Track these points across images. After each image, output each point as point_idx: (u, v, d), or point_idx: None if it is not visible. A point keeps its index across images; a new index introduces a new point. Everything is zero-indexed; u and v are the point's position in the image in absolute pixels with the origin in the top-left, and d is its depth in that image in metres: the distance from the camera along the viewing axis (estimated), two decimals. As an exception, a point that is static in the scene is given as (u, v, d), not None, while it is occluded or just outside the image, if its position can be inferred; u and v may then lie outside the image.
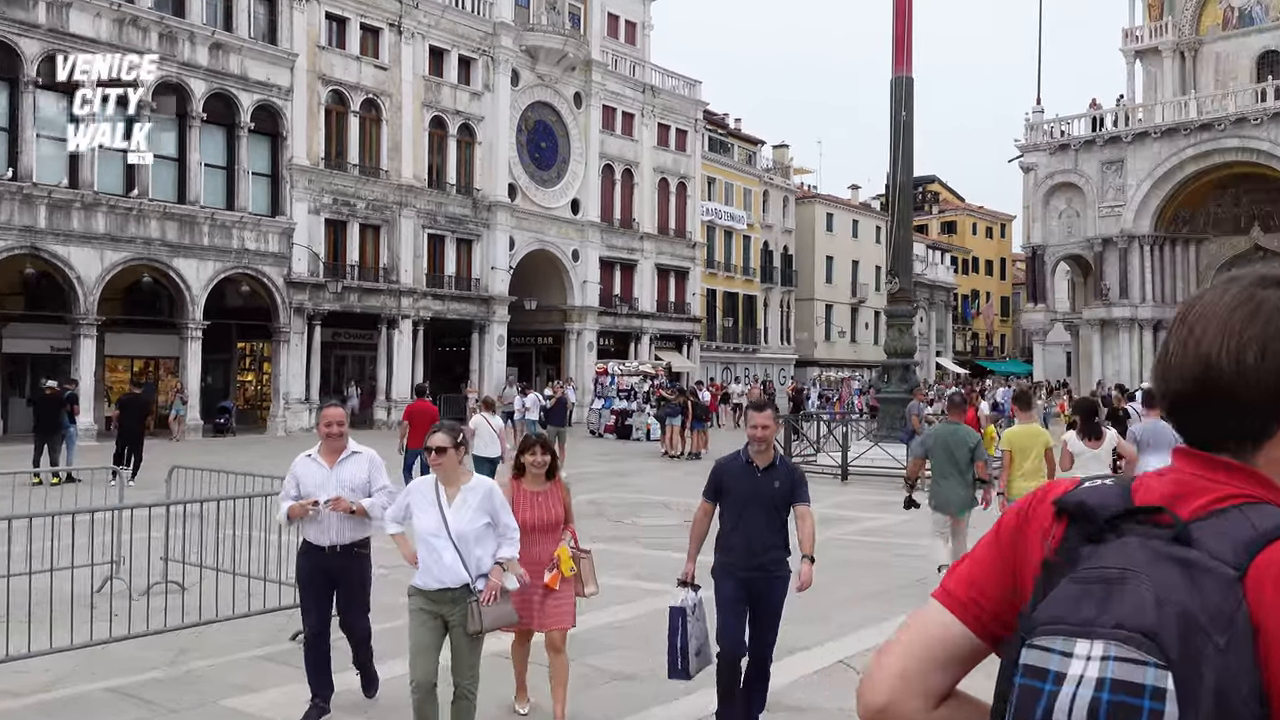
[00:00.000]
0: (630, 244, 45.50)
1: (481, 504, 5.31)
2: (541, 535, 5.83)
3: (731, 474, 5.79)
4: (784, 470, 5.80)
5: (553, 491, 5.94)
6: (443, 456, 5.31)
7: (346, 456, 6.27)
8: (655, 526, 14.12)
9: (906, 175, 20.96)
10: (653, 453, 26.66)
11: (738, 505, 5.72)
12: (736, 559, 5.77)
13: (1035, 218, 45.86)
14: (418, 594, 5.33)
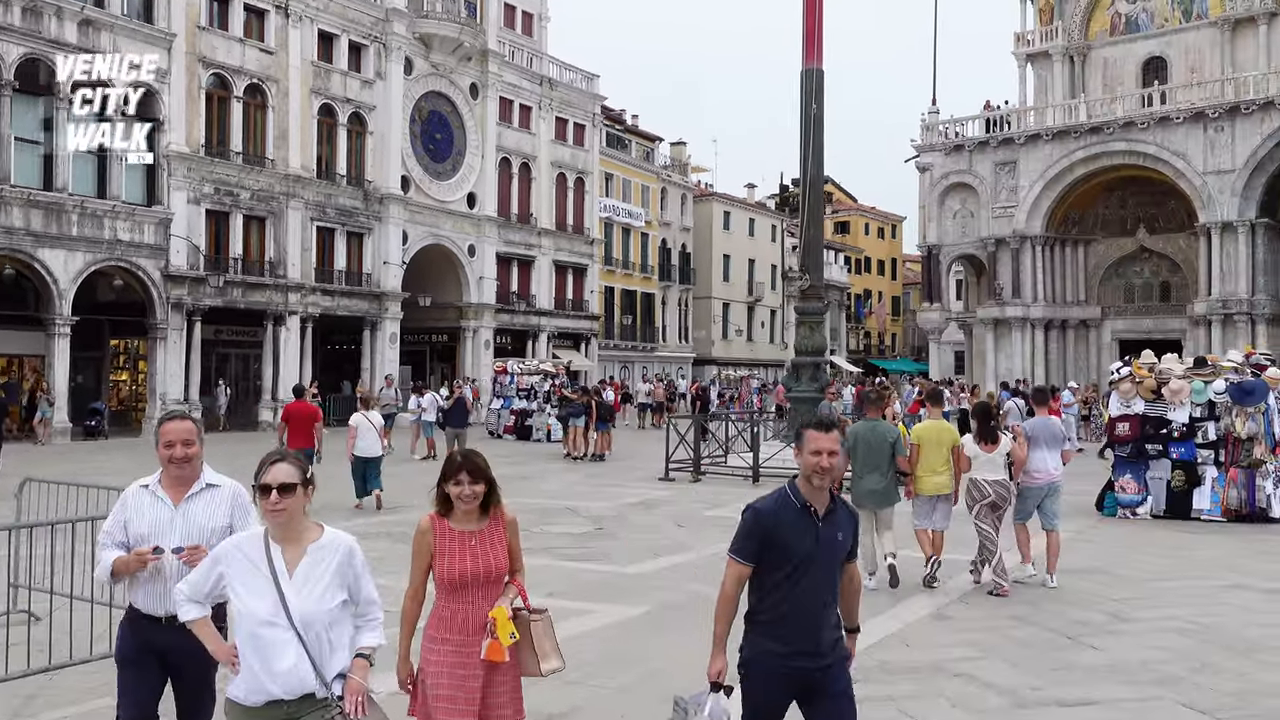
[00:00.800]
0: (528, 240, 44.47)
1: (339, 572, 3.70)
2: (481, 592, 4.19)
3: (784, 524, 3.98)
4: (844, 515, 4.09)
5: (492, 531, 4.25)
6: (287, 498, 3.63)
7: (199, 490, 4.33)
8: (566, 535, 13.26)
9: (817, 169, 20.48)
10: (554, 454, 25.75)
11: (791, 567, 3.97)
12: (788, 645, 3.97)
13: (931, 217, 46.23)
14: (240, 713, 3.62)
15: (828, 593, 4.06)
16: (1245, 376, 14.50)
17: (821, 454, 3.97)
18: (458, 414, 19.79)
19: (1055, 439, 10.21)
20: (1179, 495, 14.59)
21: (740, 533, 4.09)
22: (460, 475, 4.14)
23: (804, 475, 4.00)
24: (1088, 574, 10.64)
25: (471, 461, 4.20)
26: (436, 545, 4.18)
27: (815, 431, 4.04)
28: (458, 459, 4.22)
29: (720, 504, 16.35)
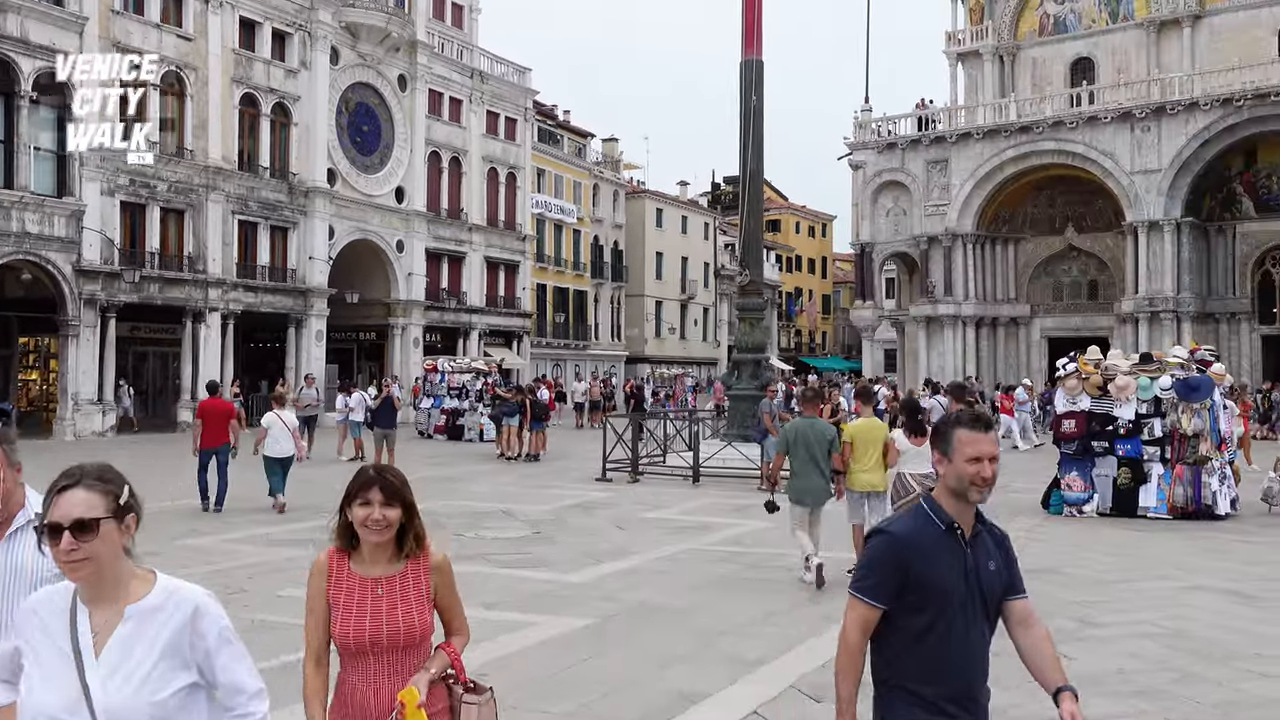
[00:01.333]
0: (458, 235, 43.56)
1: (173, 646, 2.46)
2: (388, 663, 3.10)
3: (926, 552, 3.03)
4: (993, 538, 3.20)
5: (410, 578, 3.15)
6: (87, 540, 2.41)
7: (21, 527, 3.07)
8: (502, 540, 12.64)
9: (757, 162, 20.07)
10: (487, 455, 25.05)
11: (942, 605, 3.02)
12: (943, 693, 3.05)
13: (864, 215, 46.28)
14: None
15: (983, 644, 3.11)
16: (1191, 373, 14.36)
17: (982, 461, 3.02)
18: (386, 414, 19.02)
19: None
20: (1125, 493, 14.41)
21: (869, 563, 3.10)
22: (369, 494, 3.05)
23: (952, 488, 3.06)
24: (1042, 575, 10.30)
25: (385, 478, 3.09)
26: (332, 594, 3.11)
27: (972, 431, 3.07)
28: (368, 472, 3.13)
29: (660, 505, 15.86)
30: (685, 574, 10.48)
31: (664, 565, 11.02)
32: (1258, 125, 38.04)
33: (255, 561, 10.98)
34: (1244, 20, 41.33)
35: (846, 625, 3.08)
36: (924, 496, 3.20)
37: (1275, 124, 37.77)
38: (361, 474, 3.15)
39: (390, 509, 3.06)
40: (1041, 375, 42.41)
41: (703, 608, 8.88)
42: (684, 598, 9.35)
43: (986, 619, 3.11)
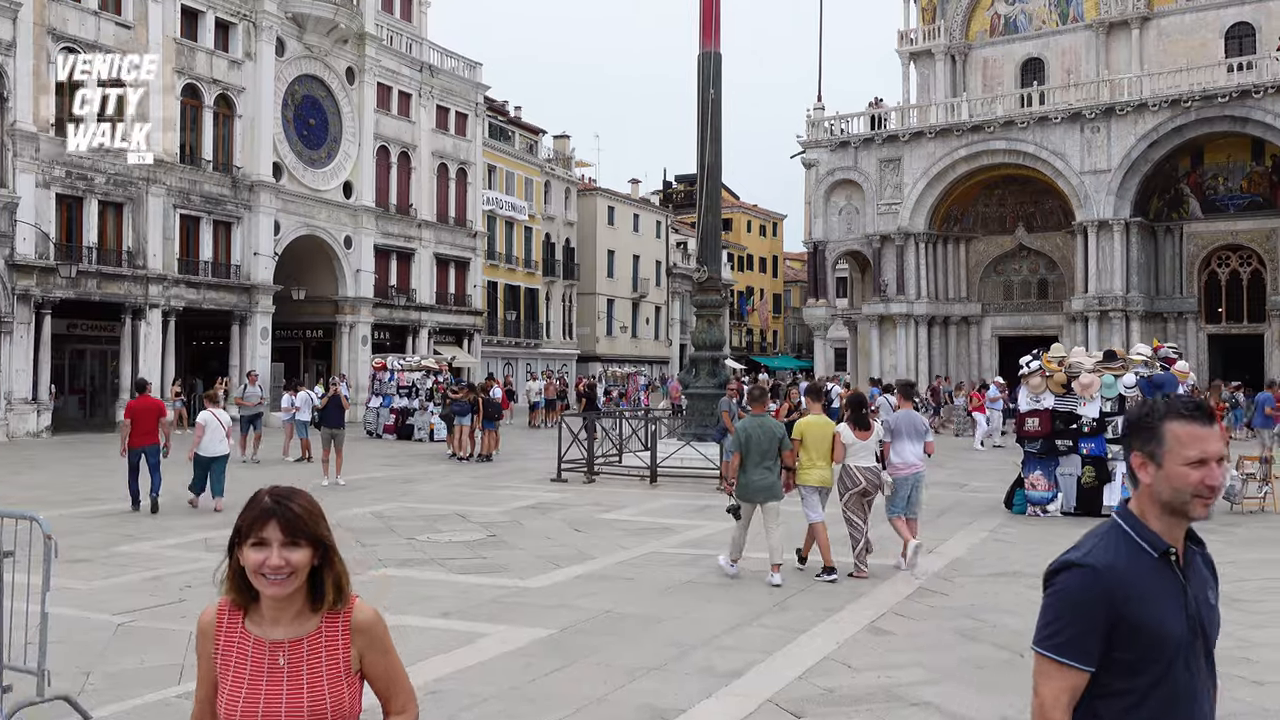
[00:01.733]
0: (408, 231, 42.84)
1: None
2: None
3: (1141, 589, 2.28)
4: (1207, 561, 2.50)
5: (323, 642, 2.44)
6: None
7: None
8: (456, 544, 12.16)
9: (715, 155, 19.74)
10: (438, 455, 24.51)
11: (1165, 661, 2.27)
12: None
13: (816, 214, 46.20)
14: None
15: (1209, 698, 2.37)
16: (1155, 370, 14.23)
17: (1209, 463, 2.27)
18: (333, 413, 18.41)
19: (918, 432, 10.61)
20: (1089, 491, 14.25)
21: (1062, 612, 2.29)
22: (265, 530, 2.31)
23: (1166, 501, 2.31)
24: (1015, 578, 10.05)
25: (285, 507, 2.34)
26: (219, 663, 2.40)
27: (1191, 425, 2.30)
28: (263, 501, 2.36)
29: (618, 506, 15.46)
30: (649, 579, 10.09)
31: (626, 570, 10.62)
32: (1205, 127, 38.43)
33: (194, 569, 10.42)
34: (1191, 22, 41.80)
35: (1044, 702, 2.27)
36: (1120, 513, 2.43)
37: (1222, 125, 38.18)
38: (254, 503, 2.36)
39: (294, 550, 2.30)
40: (993, 374, 42.57)
41: (670, 616, 8.49)
42: (649, 605, 8.96)
43: (1211, 673, 2.37)
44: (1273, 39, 39.54)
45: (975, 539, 12.47)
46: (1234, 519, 14.16)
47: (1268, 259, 39.84)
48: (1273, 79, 36.73)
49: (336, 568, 2.43)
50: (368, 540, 12.30)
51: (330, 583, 2.41)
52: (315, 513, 2.40)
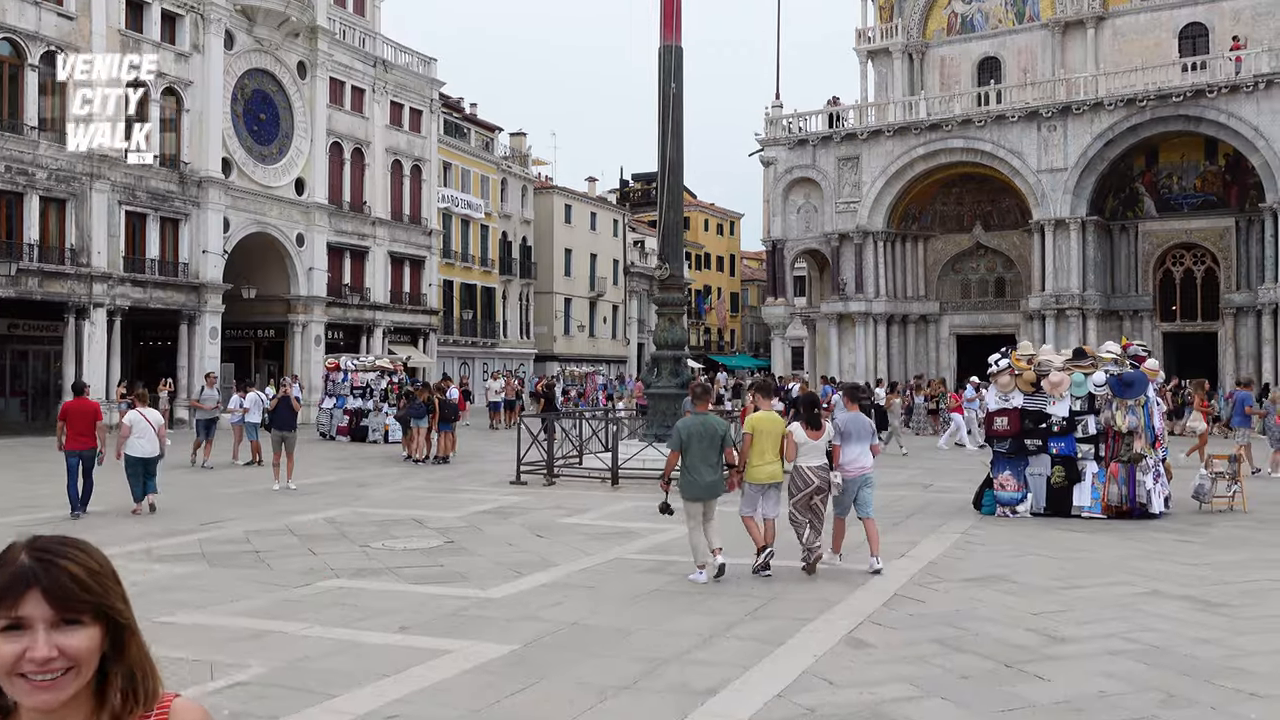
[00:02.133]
0: (361, 229, 42.09)
1: None
2: None
3: None
4: None
5: None
6: None
7: None
8: (413, 551, 11.68)
9: (677, 151, 19.35)
10: (393, 457, 23.93)
11: None
12: None
13: (775, 212, 46.02)
14: None
15: None
16: (1125, 368, 14.04)
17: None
18: (284, 415, 17.80)
19: (866, 433, 10.64)
20: (1059, 492, 14.03)
21: None
22: (23, 605, 1.47)
23: None
24: (991, 583, 9.76)
25: (55, 568, 1.49)
26: None
27: None
28: (19, 560, 1.49)
29: (580, 510, 15.04)
30: (615, 587, 9.69)
31: (591, 578, 10.20)
32: (1160, 126, 38.68)
33: (135, 580, 9.86)
34: (1146, 22, 42.08)
35: None
36: None
37: (1177, 125, 38.44)
38: (6, 560, 1.51)
39: (72, 633, 1.48)
40: (951, 372, 42.68)
41: (640, 627, 8.08)
42: (617, 616, 8.55)
43: None
44: (1225, 39, 39.89)
45: (947, 542, 12.19)
46: (1205, 518, 14.00)
47: (1221, 258, 40.19)
48: (1226, 78, 37.02)
49: (132, 655, 1.56)
50: (320, 548, 11.80)
51: (123, 679, 1.55)
52: (102, 573, 1.53)
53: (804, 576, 10.11)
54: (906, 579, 9.95)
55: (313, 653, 7.35)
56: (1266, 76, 36.26)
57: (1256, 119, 36.48)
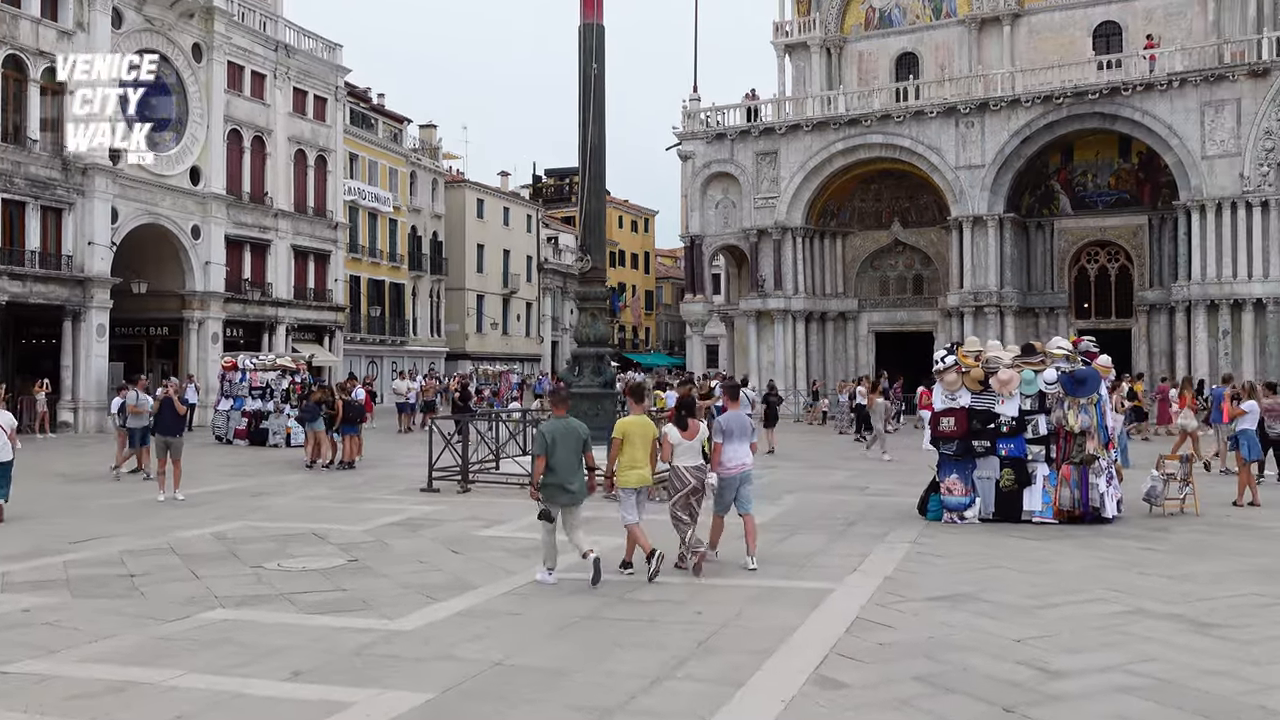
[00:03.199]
0: (263, 221, 40.09)
1: None
2: None
3: None
4: None
5: None
6: None
7: None
8: (311, 573, 10.39)
9: (599, 135, 18.23)
10: (294, 462, 22.37)
11: None
12: None
13: (693, 207, 45.16)
14: None
15: None
16: (1076, 365, 13.33)
17: None
18: (168, 419, 16.21)
19: (746, 431, 10.56)
20: (1008, 496, 13.27)
21: None
22: None
23: None
24: (960, 602, 8.85)
25: None
26: None
27: None
28: None
29: (497, 520, 13.84)
30: (542, 614, 8.55)
31: (514, 602, 9.05)
32: (1076, 123, 38.70)
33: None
34: (1061, 20, 42.16)
35: None
36: None
37: (1093, 122, 38.51)
38: None
39: None
40: (870, 370, 42.29)
41: (575, 667, 6.96)
42: (548, 651, 7.43)
43: None
44: (1138, 38, 40.11)
45: (898, 553, 11.29)
46: (1160, 522, 13.36)
47: (1135, 255, 40.43)
48: (1141, 76, 37.16)
49: None
50: (205, 570, 10.43)
51: None
52: None
53: (751, 594, 9.16)
54: (866, 598, 9.00)
55: (185, 711, 6.09)
56: (1180, 75, 36.46)
57: (1170, 117, 36.68)
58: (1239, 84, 35.84)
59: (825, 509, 14.93)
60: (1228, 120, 36.03)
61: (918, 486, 14.63)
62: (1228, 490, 15.66)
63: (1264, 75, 35.38)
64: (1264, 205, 35.54)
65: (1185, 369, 35.86)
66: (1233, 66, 36.05)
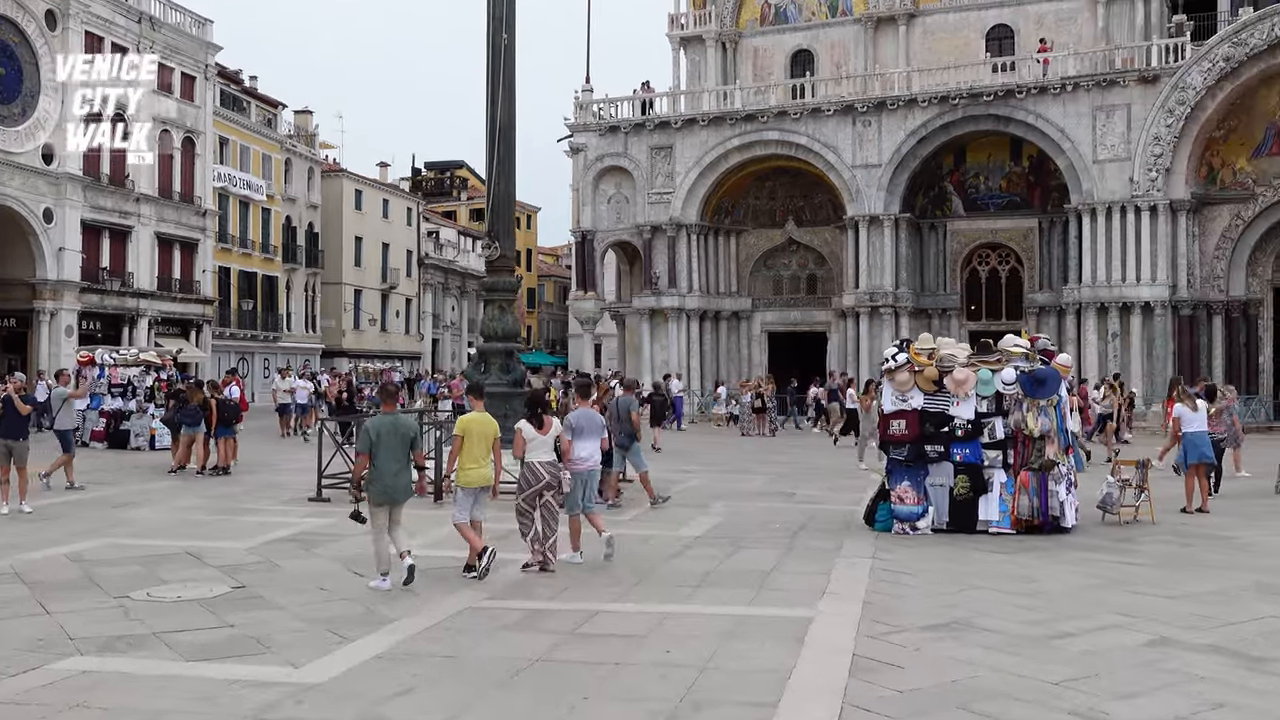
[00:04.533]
0: (123, 206, 37.26)
1: None
2: None
3: None
4: None
5: None
6: None
7: None
8: (190, 604, 8.73)
9: (508, 111, 16.76)
10: (159, 467, 20.20)
11: None
12: None
13: (585, 201, 43.80)
14: None
15: None
16: (1035, 365, 12.46)
17: None
18: (11, 420, 14.07)
19: (597, 429, 10.77)
20: (963, 504, 12.32)
21: None
22: None
23: None
24: (960, 632, 7.74)
25: None
26: None
27: None
28: None
29: (403, 535, 12.23)
30: (483, 656, 7.13)
31: (443, 640, 7.60)
32: (972, 124, 38.68)
33: None
34: (955, 21, 42.16)
35: None
36: None
37: (988, 124, 38.54)
38: None
39: None
40: (763, 369, 41.69)
41: None
42: (502, 708, 6.02)
43: None
44: (1029, 41, 40.35)
45: (861, 571, 10.16)
46: (1121, 531, 12.58)
47: (1025, 258, 40.65)
48: (1035, 79, 37.31)
49: None
50: (57, 604, 8.65)
51: None
52: None
53: (721, 625, 7.91)
54: (852, 629, 7.80)
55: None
56: (1073, 79, 36.71)
57: (1063, 121, 36.91)
58: (1130, 89, 36.24)
59: (760, 518, 13.80)
60: (1118, 125, 36.40)
61: (843, 491, 13.71)
62: (1169, 495, 15.02)
63: (1154, 82, 35.82)
64: (1152, 210, 35.99)
65: (1076, 371, 36.08)
66: (1124, 72, 36.44)
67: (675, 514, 14.20)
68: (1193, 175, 36.53)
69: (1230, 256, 37.19)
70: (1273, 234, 37.10)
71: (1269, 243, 37.28)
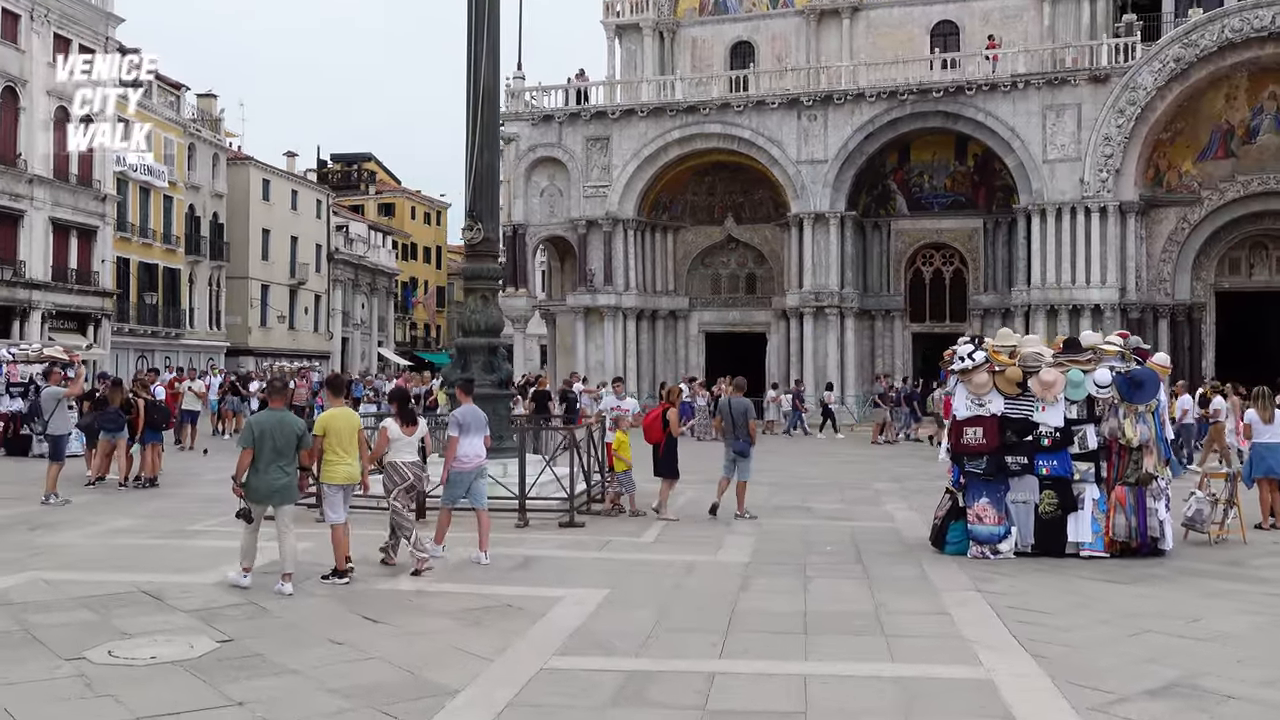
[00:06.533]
0: (14, 188, 33.97)
1: None
2: None
3: None
4: None
5: None
6: None
7: None
8: (167, 669, 6.64)
9: (492, 75, 14.75)
10: (73, 478, 17.51)
11: None
12: None
13: (517, 194, 41.67)
14: None
15: None
16: (1131, 365, 11.01)
17: None
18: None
19: (482, 425, 10.57)
20: (1050, 523, 10.80)
21: None
22: None
23: None
24: (1202, 703, 6.12)
25: None
26: None
27: None
28: None
29: (399, 564, 10.22)
30: None
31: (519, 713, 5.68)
32: (920, 121, 37.74)
33: None
34: (899, 16, 41.20)
35: None
36: None
37: (936, 120, 37.65)
38: None
39: None
40: (700, 370, 40.19)
41: None
42: None
43: None
44: (975, 38, 39.61)
45: (981, 610, 8.51)
46: (1222, 553, 11.20)
47: (970, 259, 39.89)
48: (985, 77, 36.56)
49: None
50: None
51: None
52: None
53: (889, 692, 6.14)
54: (1057, 698, 6.11)
55: None
56: (1023, 77, 36.03)
57: (1012, 119, 36.20)
58: (1080, 89, 35.69)
59: (798, 538, 12.14)
60: (1069, 124, 35.82)
61: (862, 504, 12.18)
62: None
63: (1104, 81, 35.31)
64: (1102, 211, 35.49)
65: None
66: (1074, 71, 35.87)
67: (699, 534, 12.43)
68: (1141, 177, 36.16)
69: (1176, 260, 36.97)
70: (1217, 238, 36.98)
71: (1213, 247, 37.14)
